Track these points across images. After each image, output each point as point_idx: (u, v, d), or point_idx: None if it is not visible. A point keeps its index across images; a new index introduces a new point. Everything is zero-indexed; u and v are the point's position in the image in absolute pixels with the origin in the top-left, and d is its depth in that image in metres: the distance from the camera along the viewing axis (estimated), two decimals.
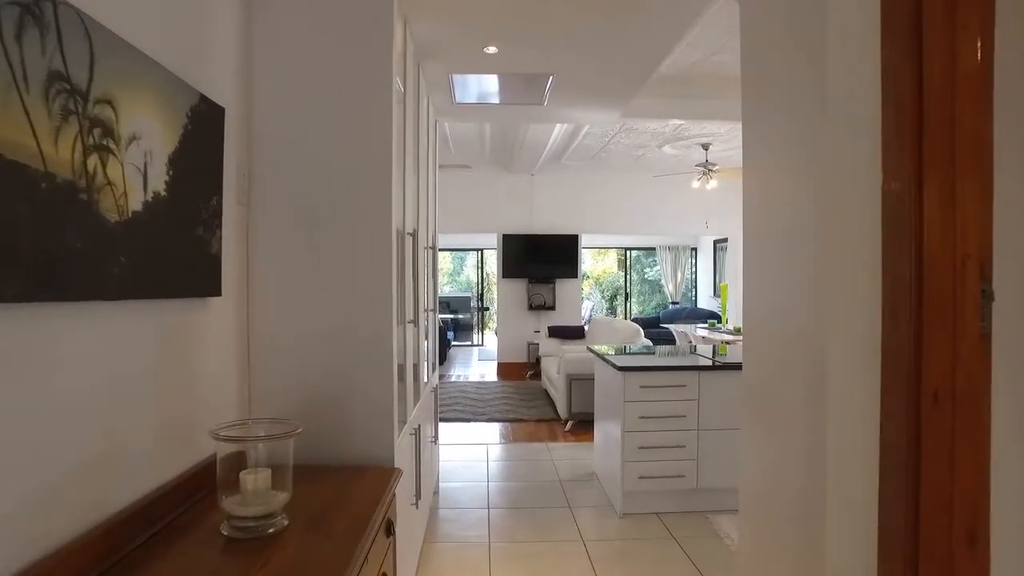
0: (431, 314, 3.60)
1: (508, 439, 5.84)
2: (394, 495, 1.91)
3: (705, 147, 7.82)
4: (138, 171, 1.34)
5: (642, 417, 3.87)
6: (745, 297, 2.23)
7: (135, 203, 1.34)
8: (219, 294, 1.83)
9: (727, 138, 7.49)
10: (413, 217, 2.83)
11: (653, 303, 17.02)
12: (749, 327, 2.21)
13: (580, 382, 6.26)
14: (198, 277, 1.70)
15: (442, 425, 6.25)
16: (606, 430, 4.40)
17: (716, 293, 12.90)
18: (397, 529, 1.99)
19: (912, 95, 1.35)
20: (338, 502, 1.70)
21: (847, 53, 1.53)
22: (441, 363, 10.65)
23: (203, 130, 1.67)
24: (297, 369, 2.11)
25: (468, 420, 6.51)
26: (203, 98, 1.66)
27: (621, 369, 3.86)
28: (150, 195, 1.40)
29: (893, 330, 1.39)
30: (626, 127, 6.92)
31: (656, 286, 17.19)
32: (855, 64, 1.52)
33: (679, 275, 14.11)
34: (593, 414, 6.21)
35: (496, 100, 4.19)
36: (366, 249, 2.11)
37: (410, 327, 2.55)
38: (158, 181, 1.43)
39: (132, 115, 1.30)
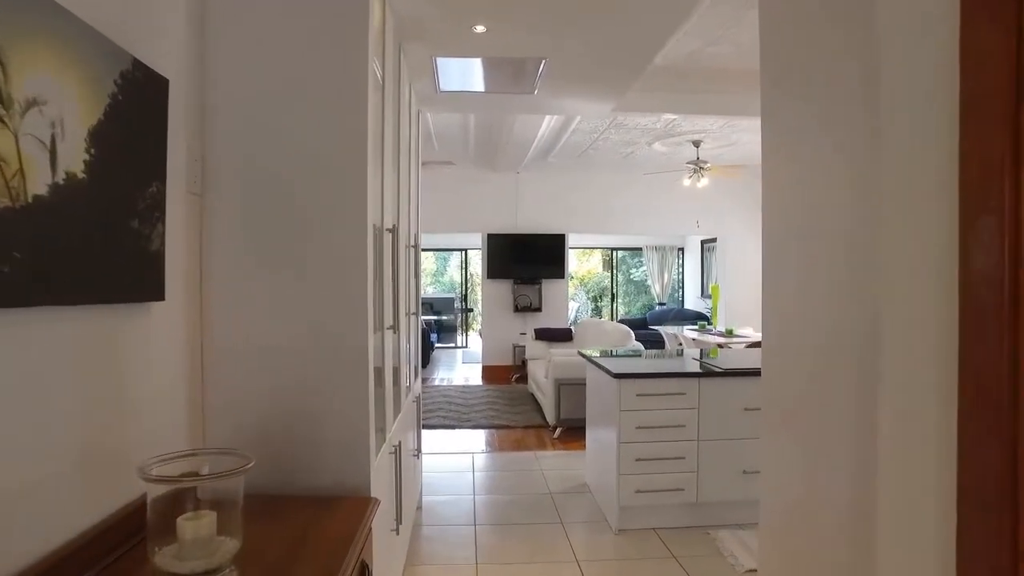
0: (413, 317, 3.34)
1: (494, 447, 5.58)
2: (370, 530, 1.64)
3: (696, 144, 7.62)
4: (41, 145, 1.07)
5: (639, 427, 3.63)
6: (767, 301, 1.99)
7: (37, 185, 1.06)
8: (162, 298, 1.55)
9: (719, 135, 7.29)
10: (393, 213, 2.56)
11: (639, 304, 16.85)
12: (771, 332, 1.97)
13: (569, 387, 6.01)
14: (134, 279, 1.42)
15: (425, 433, 5.98)
16: (599, 439, 4.16)
17: (704, 294, 12.74)
18: (375, 561, 1.73)
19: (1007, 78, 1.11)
20: (302, 546, 1.43)
21: (907, 32, 1.28)
22: (424, 366, 10.39)
23: (138, 103, 1.40)
24: (258, 384, 1.84)
25: (452, 427, 6.24)
26: (138, 64, 1.39)
27: (617, 376, 3.62)
28: (61, 176, 1.12)
29: (978, 342, 1.15)
30: (616, 122, 6.70)
31: (642, 287, 17.02)
32: (918, 46, 1.28)
33: (666, 276, 13.94)
34: (583, 420, 5.97)
35: (483, 88, 3.93)
36: (339, 246, 1.85)
37: (389, 333, 2.29)
38: (73, 159, 1.16)
39: (28, 73, 1.03)
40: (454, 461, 5.13)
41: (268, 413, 1.84)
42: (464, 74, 3.66)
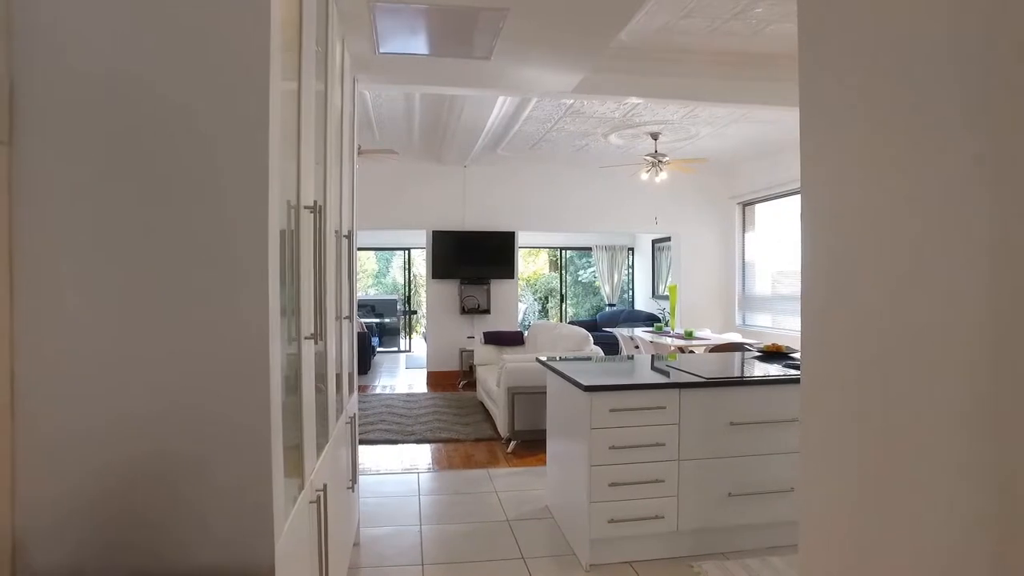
0: (347, 322, 2.76)
1: (442, 464, 5.02)
2: None
3: (654, 137, 7.25)
4: None
5: (612, 447, 3.14)
6: (811, 304, 1.54)
7: None
8: None
9: (678, 128, 6.93)
10: (316, 189, 1.99)
11: (587, 305, 16.55)
12: (817, 337, 1.53)
13: (524, 396, 5.50)
14: None
15: (364, 449, 5.37)
16: (563, 458, 3.66)
17: (655, 294, 12.47)
18: None
19: None
20: None
21: None
22: (364, 372, 9.72)
23: None
24: (101, 423, 1.25)
25: (395, 442, 5.65)
26: None
27: (587, 389, 3.12)
28: None
29: None
30: (573, 110, 6.24)
31: (591, 288, 16.72)
32: None
33: (616, 276, 13.63)
34: (540, 432, 5.48)
35: (430, 51, 3.37)
36: (228, 224, 1.28)
37: (308, 344, 1.71)
38: None
39: None
40: (397, 483, 4.55)
41: (116, 457, 1.26)
42: (409, 32, 3.09)
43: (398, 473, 4.79)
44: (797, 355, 4.31)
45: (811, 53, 1.60)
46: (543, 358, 4.19)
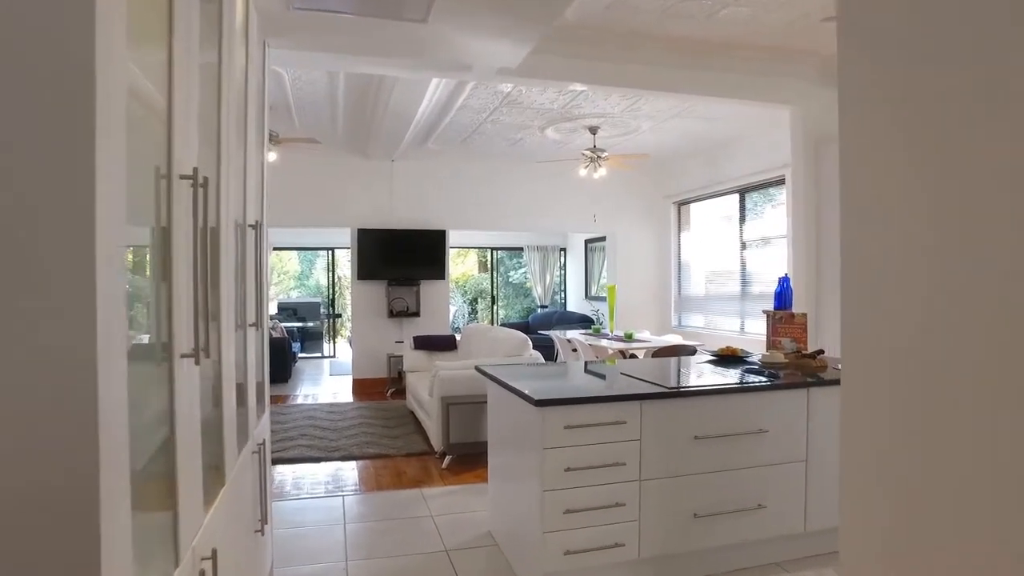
0: (254, 331, 2.26)
1: (370, 485, 4.53)
2: None
3: (593, 131, 6.97)
4: None
5: (568, 469, 2.76)
6: (853, 304, 1.22)
7: None
8: None
9: (618, 121, 6.66)
10: (206, 164, 1.52)
11: (518, 307, 16.26)
12: (864, 342, 1.22)
13: (459, 406, 5.08)
14: None
15: (284, 468, 4.82)
16: (510, 479, 3.27)
17: (588, 295, 12.26)
18: None
19: None
20: None
21: None
22: (285, 381, 9.05)
23: None
24: None
25: (317, 459, 5.11)
26: None
27: (540, 404, 2.73)
28: None
29: None
30: (509, 100, 5.86)
31: (521, 289, 16.44)
32: None
33: (548, 277, 13.36)
34: (477, 445, 5.07)
35: (357, 8, 2.90)
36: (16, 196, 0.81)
37: (184, 364, 1.24)
38: None
39: None
40: (319, 509, 4.04)
41: None
42: None
43: (321, 496, 4.27)
44: (754, 358, 4.07)
45: (852, 39, 1.29)
46: (483, 367, 3.78)
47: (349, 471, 4.85)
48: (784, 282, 5.05)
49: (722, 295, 8.39)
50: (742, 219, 7.92)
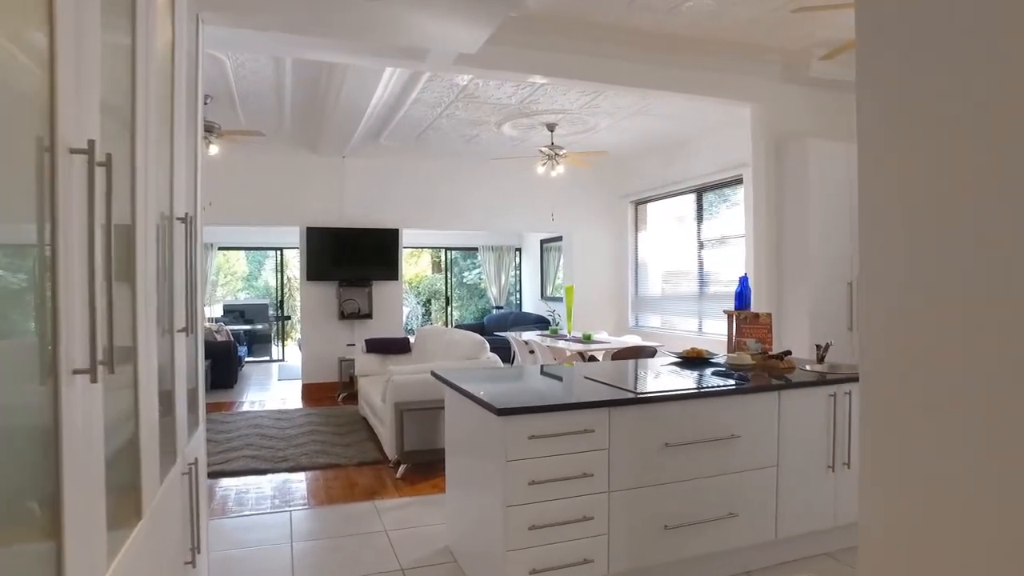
0: (183, 337, 2.01)
1: (320, 498, 4.26)
2: None
3: (551, 128, 6.82)
4: None
5: (533, 482, 2.58)
6: (876, 303, 1.06)
7: None
8: None
9: (576, 118, 6.53)
10: (117, 144, 1.29)
11: (472, 308, 16.06)
12: (884, 340, 1.06)
13: (414, 413, 4.86)
14: None
15: (227, 482, 4.51)
16: (470, 492, 3.07)
17: (544, 296, 12.14)
18: None
19: None
20: None
21: None
22: (231, 386, 8.65)
23: None
24: None
25: (263, 471, 4.81)
26: None
27: (502, 413, 2.54)
28: None
29: None
30: (466, 94, 5.66)
31: (475, 290, 16.24)
32: None
33: (503, 278, 13.19)
34: (433, 452, 4.85)
35: None
36: None
37: (78, 382, 1.01)
38: None
39: None
40: (265, 527, 3.76)
41: None
42: None
43: (266, 513, 3.98)
44: (718, 359, 3.97)
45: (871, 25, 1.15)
46: (440, 371, 3.58)
47: (297, 483, 4.57)
48: (743, 281, 4.99)
49: (679, 295, 8.35)
50: (699, 219, 7.89)
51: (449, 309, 14.62)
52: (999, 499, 0.94)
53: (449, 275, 14.78)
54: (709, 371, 3.56)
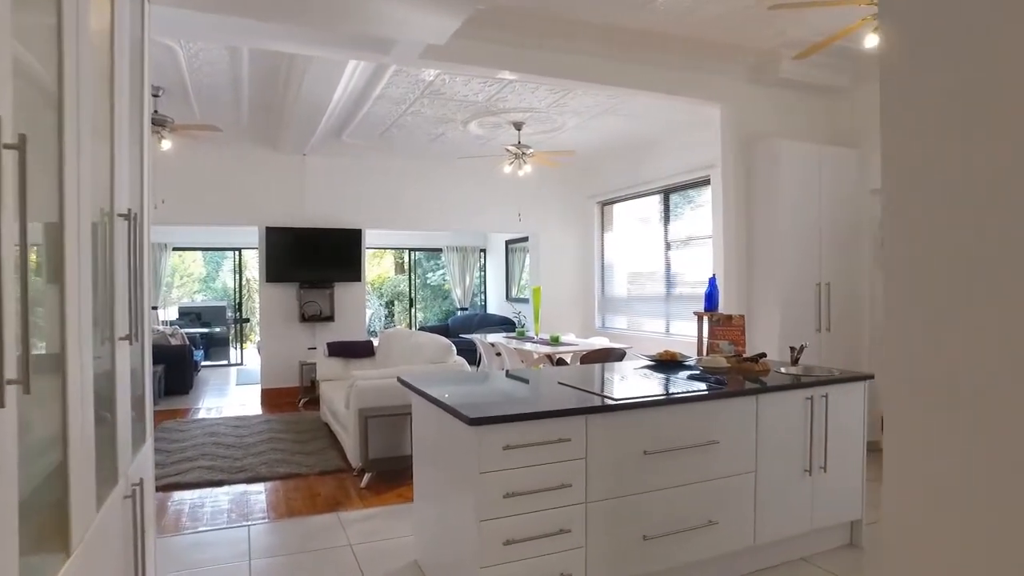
0: (125, 345, 1.82)
1: (281, 511, 4.06)
2: None
3: (518, 127, 6.70)
4: None
5: (508, 495, 2.45)
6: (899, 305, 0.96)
7: None
8: None
9: (543, 117, 6.43)
10: (39, 128, 1.12)
11: (436, 310, 15.88)
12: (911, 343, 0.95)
13: (379, 419, 4.69)
14: None
15: (180, 495, 4.27)
16: (440, 504, 2.93)
17: (509, 297, 12.02)
18: None
19: None
20: None
21: None
22: (186, 392, 8.32)
23: None
24: None
25: (220, 483, 4.58)
26: None
27: (475, 423, 2.41)
28: None
29: None
30: (432, 90, 5.51)
31: (439, 291, 16.07)
32: None
33: (468, 279, 13.03)
34: (400, 460, 4.69)
35: None
36: None
37: None
38: None
39: None
40: (221, 543, 3.55)
41: None
42: None
43: (223, 528, 3.77)
44: (692, 362, 3.90)
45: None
46: (406, 377, 3.42)
47: (256, 495, 4.36)
48: (712, 282, 4.94)
49: (646, 296, 8.32)
50: (666, 220, 7.87)
51: (413, 311, 14.40)
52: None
53: (413, 276, 14.56)
54: (684, 375, 3.48)
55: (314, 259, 8.02)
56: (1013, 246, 0.88)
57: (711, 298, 4.90)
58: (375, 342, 7.22)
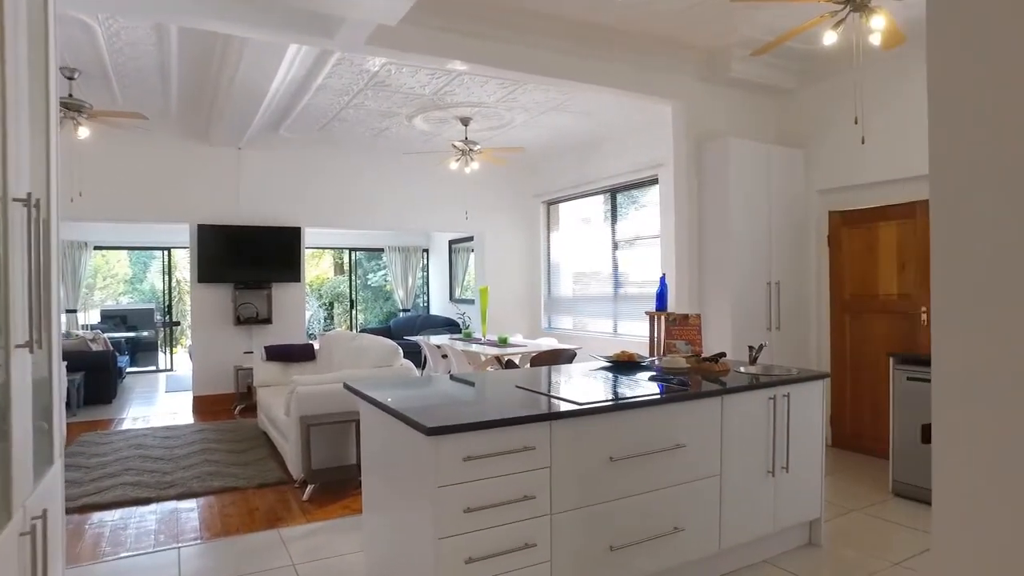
0: (24, 354, 1.55)
1: (215, 530, 3.75)
2: None
3: (464, 122, 6.52)
4: None
5: (469, 510, 2.27)
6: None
7: None
8: None
9: (491, 113, 6.26)
10: None
11: (377, 311, 15.52)
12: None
13: (322, 427, 4.42)
14: None
15: (100, 516, 3.90)
16: (394, 520, 2.71)
17: (452, 298, 11.79)
18: None
19: None
20: None
21: None
22: (109, 402, 7.78)
23: None
24: None
25: (146, 500, 4.22)
26: None
27: (432, 432, 2.21)
28: None
29: None
30: (377, 81, 5.26)
31: (380, 292, 15.71)
32: None
33: (410, 279, 12.73)
34: (345, 470, 4.44)
35: None
36: None
37: None
38: None
39: None
40: (147, 569, 3.24)
41: None
42: None
43: (148, 552, 3.44)
44: (649, 362, 3.80)
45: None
46: (353, 384, 3.19)
47: (188, 512, 4.02)
48: (663, 281, 4.88)
49: (592, 296, 8.26)
50: (614, 219, 7.82)
51: (354, 312, 13.99)
52: None
53: (354, 277, 14.15)
54: (645, 376, 3.37)
55: (250, 259, 7.63)
56: None
57: (662, 297, 4.83)
58: (316, 345, 6.89)
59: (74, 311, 10.19)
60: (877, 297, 5.01)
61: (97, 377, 7.61)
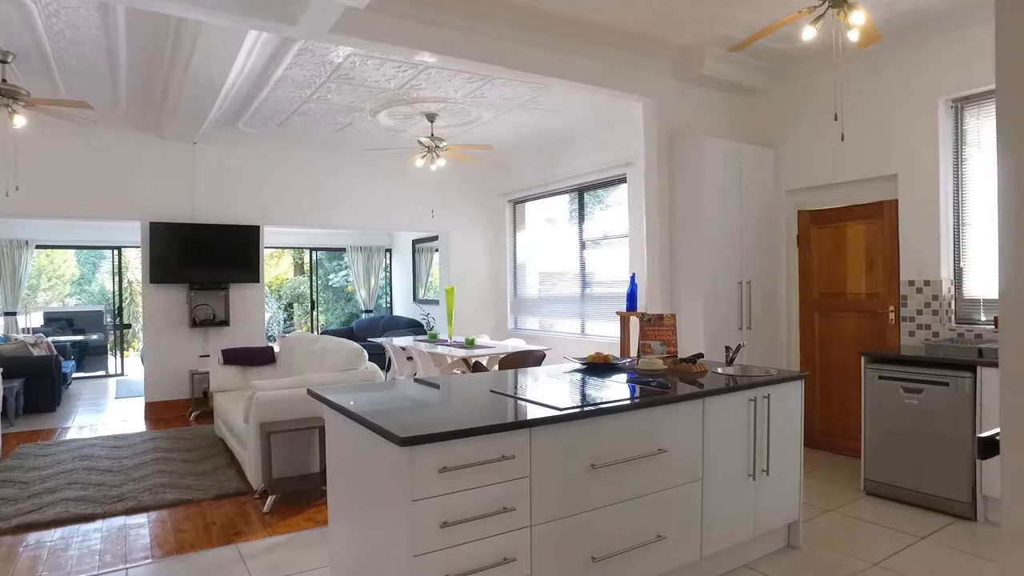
0: None
1: (169, 547, 3.52)
2: None
3: (431, 119, 6.35)
4: None
5: (446, 524, 2.12)
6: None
7: None
8: None
9: (458, 109, 6.12)
10: None
11: (339, 312, 15.23)
12: None
13: (284, 435, 4.22)
14: None
15: (38, 536, 3.63)
16: (364, 534, 2.55)
17: (416, 298, 11.58)
18: None
19: None
20: None
21: None
22: (52, 410, 7.38)
23: None
24: None
25: (91, 517, 3.94)
26: None
27: (406, 443, 2.06)
28: None
29: None
30: (340, 73, 5.07)
31: (341, 293, 15.43)
32: None
33: (372, 280, 12.48)
34: (306, 477, 4.25)
35: None
36: None
37: None
38: None
39: None
40: None
41: None
42: None
43: (91, 574, 3.19)
44: (624, 363, 3.70)
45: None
46: (318, 390, 3.01)
47: (138, 529, 3.77)
48: (632, 280, 4.81)
49: (559, 297, 8.17)
50: (580, 218, 7.74)
51: (315, 314, 13.66)
52: None
53: (315, 277, 13.82)
54: (622, 378, 3.27)
55: (206, 258, 7.32)
56: None
57: (632, 297, 4.76)
58: (276, 348, 6.64)
59: (14, 313, 9.68)
60: (845, 296, 5.02)
61: (39, 384, 7.21)
